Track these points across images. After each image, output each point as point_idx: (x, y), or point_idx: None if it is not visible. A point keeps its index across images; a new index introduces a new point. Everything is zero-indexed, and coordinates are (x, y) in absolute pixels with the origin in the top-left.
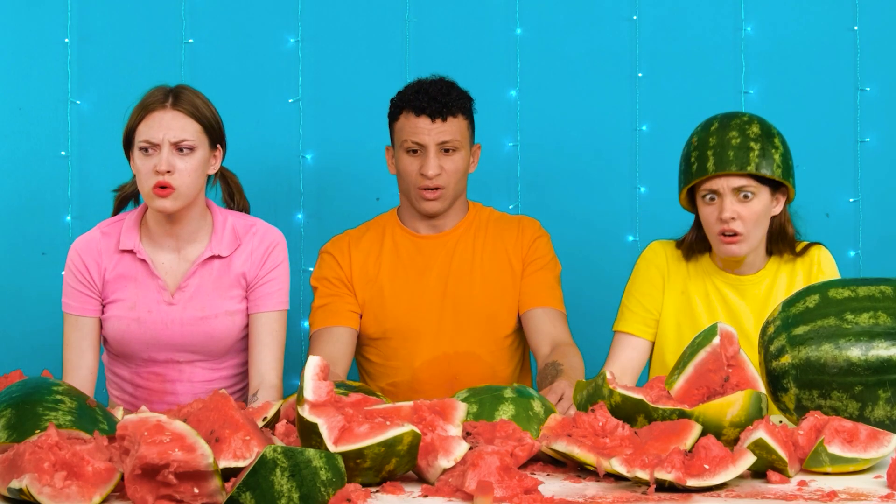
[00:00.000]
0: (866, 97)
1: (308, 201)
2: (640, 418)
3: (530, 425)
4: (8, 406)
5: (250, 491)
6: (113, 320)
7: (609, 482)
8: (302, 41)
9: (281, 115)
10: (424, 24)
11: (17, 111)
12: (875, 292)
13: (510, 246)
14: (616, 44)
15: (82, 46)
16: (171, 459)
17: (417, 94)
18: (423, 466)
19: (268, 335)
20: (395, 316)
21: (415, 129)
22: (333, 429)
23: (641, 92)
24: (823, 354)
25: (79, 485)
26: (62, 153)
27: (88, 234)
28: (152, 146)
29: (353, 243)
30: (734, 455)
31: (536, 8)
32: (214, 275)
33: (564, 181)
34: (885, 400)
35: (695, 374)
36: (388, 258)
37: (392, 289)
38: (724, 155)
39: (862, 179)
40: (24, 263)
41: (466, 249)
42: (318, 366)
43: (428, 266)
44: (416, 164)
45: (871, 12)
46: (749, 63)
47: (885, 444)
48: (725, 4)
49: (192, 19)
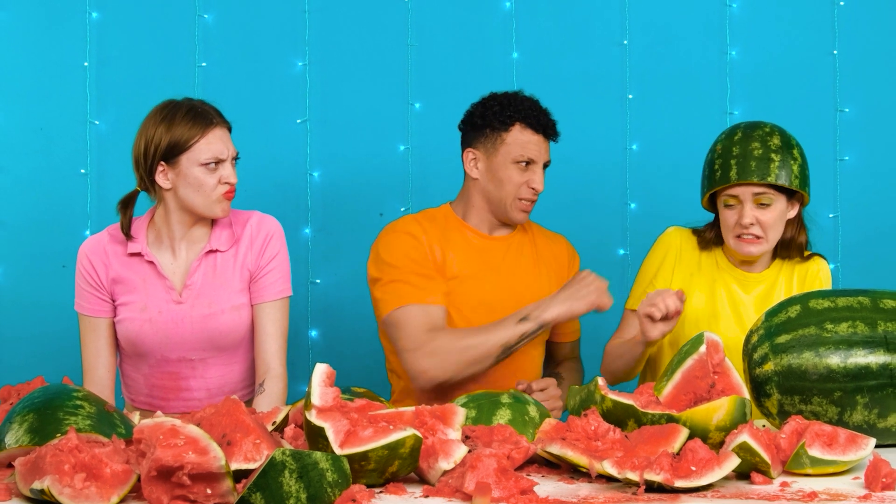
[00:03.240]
0: (845, 118)
1: (315, 216)
2: (631, 422)
3: (526, 429)
4: (30, 411)
5: (260, 492)
6: (126, 322)
7: (601, 483)
8: (309, 65)
9: (289, 134)
10: (426, 49)
11: (39, 131)
12: (853, 303)
13: (562, 264)
14: (607, 67)
15: (100, 70)
16: (185, 462)
17: (533, 111)
18: (425, 468)
19: (271, 324)
20: (461, 309)
21: (529, 144)
22: (339, 432)
23: (632, 113)
24: (804, 362)
25: (98, 486)
26: (81, 171)
27: (97, 235)
28: (218, 161)
29: (426, 227)
30: (720, 457)
31: (532, 33)
32: (217, 271)
33: (559, 197)
34: (863, 405)
35: (682, 381)
36: (459, 251)
37: (465, 283)
38: (746, 165)
39: (841, 196)
40: (45, 275)
41: (528, 255)
42: (324, 373)
43: (497, 265)
44: (524, 176)
45: (849, 37)
46: (734, 85)
47: (862, 448)
48: (711, 30)
49: (205, 44)
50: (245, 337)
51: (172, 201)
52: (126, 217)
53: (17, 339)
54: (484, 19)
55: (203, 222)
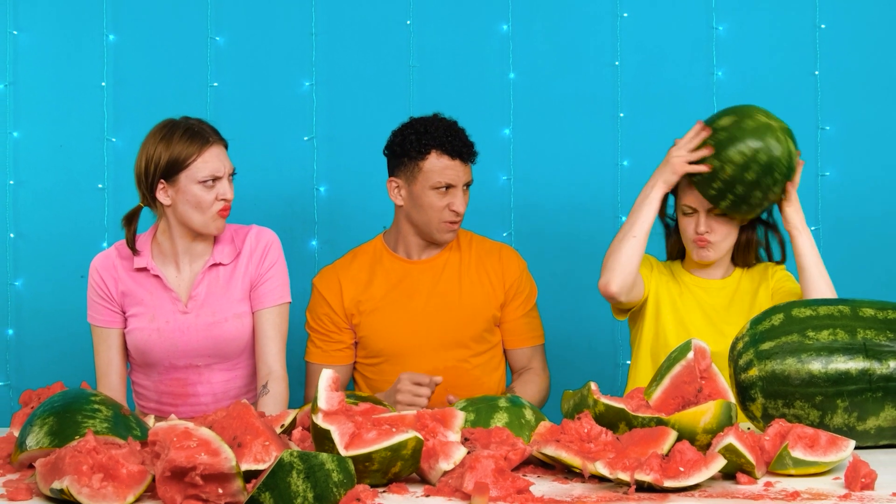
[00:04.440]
0: (826, 135)
1: (321, 229)
2: (622, 425)
3: (522, 432)
4: (50, 414)
5: (269, 491)
6: (136, 332)
7: (593, 483)
8: (316, 85)
9: (297, 151)
10: (427, 70)
11: (59, 148)
12: (834, 311)
13: (492, 275)
14: (600, 87)
15: (117, 89)
16: (197, 462)
17: (448, 137)
18: (426, 469)
19: (271, 328)
20: (387, 337)
21: (446, 170)
22: (344, 435)
23: (623, 130)
24: (787, 368)
25: (114, 486)
26: (99, 186)
27: (106, 251)
28: (215, 179)
29: (343, 274)
30: (707, 458)
31: (528, 54)
32: (220, 282)
33: (553, 211)
34: (843, 409)
35: (671, 386)
36: (380, 283)
37: (384, 312)
38: None
39: (822, 209)
40: (64, 285)
41: (452, 273)
42: (330, 378)
43: (417, 289)
44: (444, 200)
45: (830, 59)
46: (720, 104)
47: (843, 449)
48: (699, 51)
49: (217, 65)
50: (248, 343)
51: (172, 217)
52: (130, 231)
53: (38, 346)
54: (482, 41)
55: (204, 237)
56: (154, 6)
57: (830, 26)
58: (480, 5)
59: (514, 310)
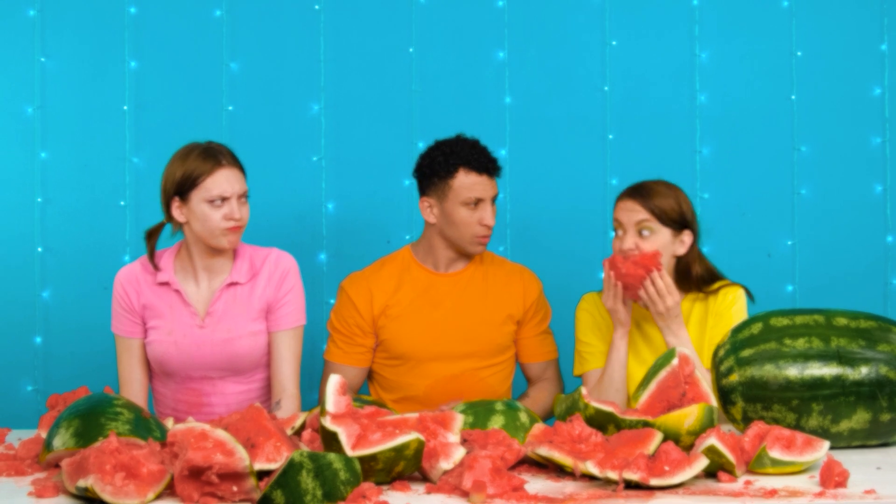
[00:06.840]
0: (802, 156)
1: (329, 243)
2: (611, 427)
3: (517, 433)
4: (76, 417)
5: (281, 489)
6: (155, 344)
7: (584, 482)
8: (324, 108)
9: (306, 170)
10: (428, 94)
11: (84, 168)
12: (809, 321)
13: (514, 294)
14: (590, 110)
15: (138, 113)
16: (213, 462)
17: (474, 154)
18: (427, 468)
19: (287, 350)
20: (408, 343)
21: (475, 186)
22: (351, 436)
23: (612, 151)
24: (766, 373)
25: (135, 484)
26: (121, 203)
27: (130, 265)
28: (223, 199)
29: (373, 280)
30: (690, 458)
31: (523, 80)
32: (237, 300)
33: (547, 227)
34: (818, 412)
35: (657, 390)
36: (407, 290)
37: (408, 318)
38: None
39: (798, 225)
40: (88, 296)
41: (476, 289)
42: (338, 383)
43: (442, 300)
44: (475, 215)
45: (806, 84)
46: (703, 126)
47: (818, 450)
48: (682, 77)
49: (231, 90)
50: (261, 360)
51: (189, 234)
52: (150, 245)
53: (64, 354)
54: (480, 68)
55: (224, 254)
56: (172, 35)
57: (806, 54)
58: (478, 34)
59: (530, 329)
